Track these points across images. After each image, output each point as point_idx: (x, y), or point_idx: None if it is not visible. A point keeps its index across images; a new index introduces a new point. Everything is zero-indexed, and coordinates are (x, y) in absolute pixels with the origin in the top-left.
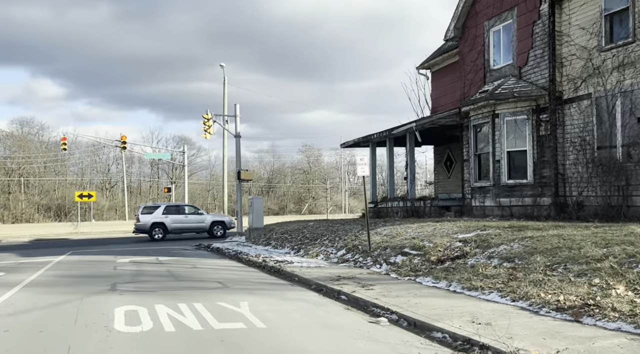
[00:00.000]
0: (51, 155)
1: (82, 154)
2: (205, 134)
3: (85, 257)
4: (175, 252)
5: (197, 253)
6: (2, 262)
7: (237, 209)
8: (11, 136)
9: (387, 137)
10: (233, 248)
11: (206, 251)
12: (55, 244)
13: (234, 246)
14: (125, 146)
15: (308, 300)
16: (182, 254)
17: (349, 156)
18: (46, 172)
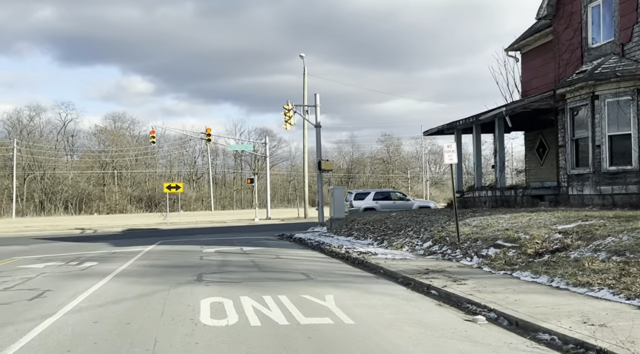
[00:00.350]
0: (142, 148)
1: (170, 147)
2: (286, 124)
3: (173, 247)
4: (258, 242)
5: (279, 243)
6: (96, 251)
7: (318, 199)
8: (105, 131)
9: (473, 123)
10: (315, 239)
11: (289, 241)
12: (145, 234)
13: (315, 236)
14: (210, 138)
15: (395, 294)
16: (265, 244)
17: (429, 145)
18: (137, 165)
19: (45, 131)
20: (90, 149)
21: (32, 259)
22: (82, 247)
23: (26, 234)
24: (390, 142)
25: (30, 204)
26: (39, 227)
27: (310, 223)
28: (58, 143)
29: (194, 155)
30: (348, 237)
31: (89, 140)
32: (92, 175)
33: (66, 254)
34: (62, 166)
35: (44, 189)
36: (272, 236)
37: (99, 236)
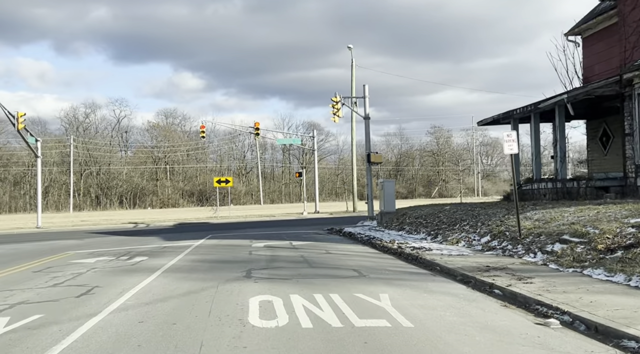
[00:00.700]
0: (192, 143)
1: (220, 142)
2: (334, 117)
3: (223, 242)
4: (307, 236)
5: (329, 238)
6: (147, 246)
7: (367, 192)
8: (157, 127)
9: (532, 112)
10: (365, 233)
11: (338, 235)
12: (196, 228)
13: (365, 230)
14: (258, 132)
15: (455, 294)
16: (315, 238)
17: (480, 137)
18: (189, 159)
19: (100, 128)
20: (144, 145)
21: (84, 253)
22: (134, 242)
23: (82, 228)
24: (440, 134)
25: (87, 198)
26: (94, 221)
27: (359, 217)
28: (112, 139)
29: (243, 150)
30: (399, 232)
31: (142, 136)
32: (145, 170)
33: (118, 248)
34: (116, 162)
35: (99, 184)
36: (321, 230)
37: (151, 230)
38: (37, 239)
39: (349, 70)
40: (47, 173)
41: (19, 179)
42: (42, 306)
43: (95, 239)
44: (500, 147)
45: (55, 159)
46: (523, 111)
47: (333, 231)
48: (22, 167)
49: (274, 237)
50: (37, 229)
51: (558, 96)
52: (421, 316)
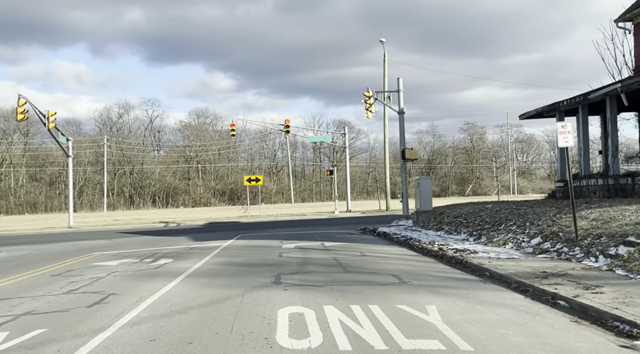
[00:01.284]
0: (224, 143)
1: (251, 141)
2: (367, 112)
3: (252, 242)
4: (340, 236)
5: (363, 238)
6: (174, 247)
7: (402, 191)
8: (189, 126)
9: (579, 103)
10: (401, 233)
11: (372, 235)
12: (226, 228)
13: (401, 230)
14: (288, 129)
15: (513, 305)
16: (348, 239)
17: (515, 133)
18: (220, 159)
19: (134, 128)
20: (176, 144)
21: (109, 255)
22: (162, 242)
23: (113, 227)
24: (474, 130)
25: (120, 198)
26: (126, 221)
27: (393, 216)
28: (145, 139)
29: (274, 148)
30: (438, 232)
31: (174, 135)
32: (177, 169)
33: (144, 249)
34: (149, 161)
35: (133, 184)
36: (354, 230)
37: (181, 230)
38: (67, 239)
39: (380, 68)
40: (81, 173)
41: (54, 179)
42: (48, 318)
43: (124, 239)
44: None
45: (90, 159)
46: (570, 102)
47: (367, 230)
48: (57, 167)
49: (305, 238)
50: (69, 229)
51: (610, 85)
52: (479, 334)
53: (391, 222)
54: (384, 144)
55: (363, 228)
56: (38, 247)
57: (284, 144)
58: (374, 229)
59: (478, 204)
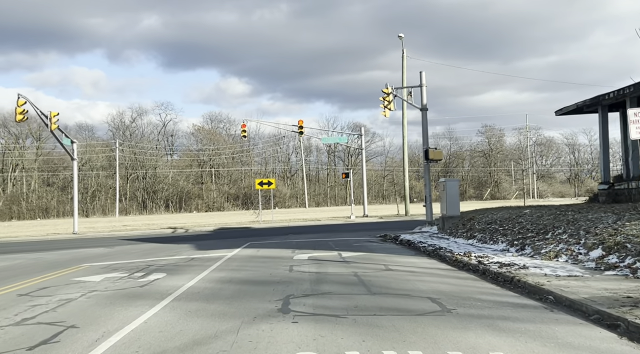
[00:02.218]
0: (237, 147)
1: (264, 144)
2: (385, 111)
3: (260, 252)
4: (359, 245)
5: (384, 247)
6: (174, 257)
7: (425, 194)
8: (202, 130)
9: (627, 96)
10: (427, 241)
11: (394, 244)
12: (235, 234)
13: (426, 238)
14: (302, 130)
15: (608, 352)
16: (367, 248)
17: (534, 136)
18: (234, 163)
19: (147, 132)
20: (189, 148)
21: (98, 267)
22: (163, 251)
23: (119, 234)
24: (492, 133)
25: (133, 202)
26: (134, 226)
27: (414, 222)
28: (158, 143)
29: (287, 152)
30: (469, 241)
31: (188, 139)
32: (190, 174)
33: (140, 260)
34: (162, 165)
35: (145, 188)
36: (373, 238)
37: (188, 237)
38: (67, 247)
39: (394, 72)
40: (94, 177)
41: (66, 183)
42: None
43: (125, 247)
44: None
45: (103, 164)
46: (616, 95)
47: (387, 238)
48: (69, 172)
49: (320, 247)
50: (73, 235)
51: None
52: None
53: (413, 229)
54: (403, 144)
55: (383, 235)
56: (32, 256)
57: (298, 148)
58: (395, 236)
59: (513, 208)
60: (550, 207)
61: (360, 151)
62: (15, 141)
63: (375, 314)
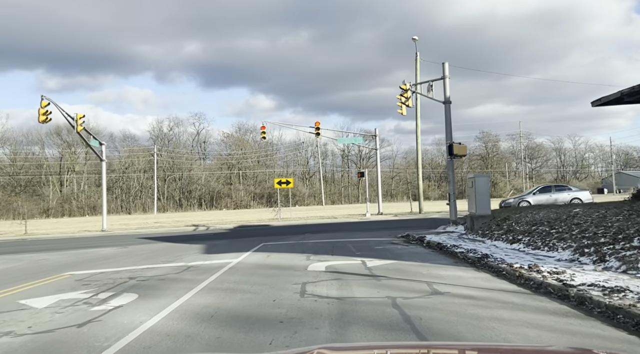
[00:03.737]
0: (262, 151)
1: (286, 149)
2: (402, 108)
3: (271, 257)
4: (382, 248)
5: (412, 252)
6: (172, 264)
7: (449, 192)
8: (231, 137)
9: None
10: (461, 245)
11: (421, 246)
12: (252, 232)
13: (457, 240)
14: (319, 132)
15: None
16: (393, 252)
17: (525, 141)
18: (259, 166)
19: (183, 139)
20: (220, 153)
21: (74, 280)
22: (169, 253)
23: (143, 231)
24: (489, 139)
25: (170, 201)
26: (164, 223)
27: (430, 220)
28: (193, 149)
29: (306, 156)
30: (513, 245)
31: (219, 146)
32: (220, 175)
33: (132, 268)
34: (196, 168)
35: (181, 188)
36: (394, 238)
37: (205, 235)
38: (83, 246)
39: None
40: (136, 179)
41: (111, 184)
42: None
43: (136, 247)
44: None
45: (144, 167)
46: None
47: (411, 239)
48: (114, 174)
49: (339, 250)
50: (102, 232)
51: None
52: None
53: (436, 228)
54: (416, 140)
55: (405, 235)
56: (39, 257)
57: (316, 152)
58: (420, 237)
59: (555, 207)
60: (604, 206)
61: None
62: (67, 147)
63: None
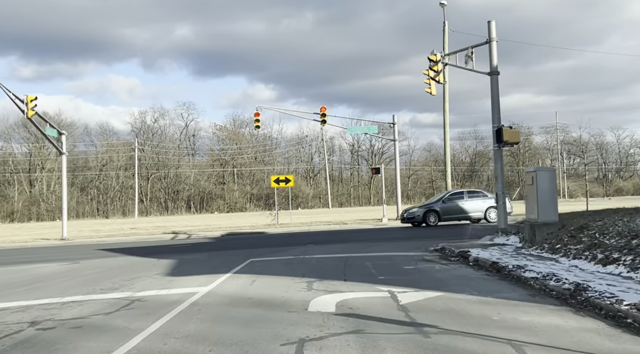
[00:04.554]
0: (260, 147)
1: (287, 144)
2: (431, 85)
3: (256, 285)
4: (413, 269)
5: (458, 275)
6: (112, 295)
7: (497, 191)
8: (224, 129)
9: None
10: (529, 266)
11: (466, 265)
12: (240, 243)
13: (516, 257)
14: (324, 119)
15: None
16: (431, 276)
17: (562, 135)
18: (256, 163)
19: (169, 132)
20: (211, 148)
21: None
22: (123, 273)
23: (110, 240)
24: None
25: (154, 203)
26: (141, 229)
27: (461, 226)
28: (181, 143)
29: (310, 152)
30: (606, 266)
31: (210, 140)
32: (212, 173)
33: (50, 301)
34: (184, 165)
35: (166, 189)
36: (426, 252)
37: (181, 247)
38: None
39: (416, 77)
40: (114, 177)
41: (86, 184)
42: None
43: (91, 262)
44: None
45: (125, 164)
46: None
47: (450, 255)
48: (89, 172)
49: (354, 272)
50: (61, 241)
51: None
52: None
53: (476, 238)
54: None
55: (439, 248)
56: None
57: (321, 147)
58: (462, 252)
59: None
60: None
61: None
62: (36, 141)
63: None
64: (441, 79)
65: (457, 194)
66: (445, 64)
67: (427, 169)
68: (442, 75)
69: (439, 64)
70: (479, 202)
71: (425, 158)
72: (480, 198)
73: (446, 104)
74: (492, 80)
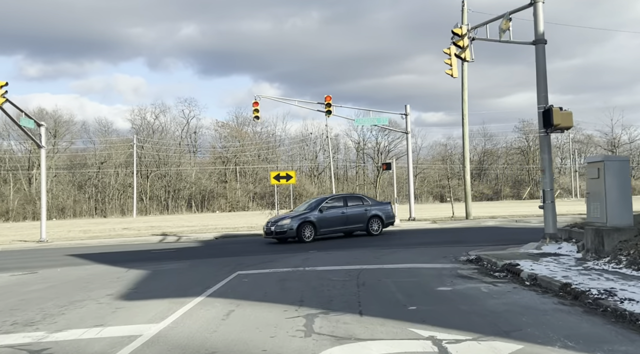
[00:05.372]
0: (263, 144)
1: (291, 142)
2: (452, 66)
3: (231, 319)
4: (450, 291)
5: (518, 303)
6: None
7: (544, 187)
8: (226, 126)
9: None
10: (624, 293)
11: (522, 285)
12: (232, 248)
13: (589, 274)
14: (330, 109)
15: None
16: (481, 304)
17: (572, 132)
18: (259, 161)
19: (170, 129)
20: (213, 145)
21: None
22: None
23: (91, 243)
24: (530, 129)
25: (153, 202)
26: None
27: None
28: (182, 140)
29: (315, 150)
30: None
31: (212, 137)
32: (214, 172)
33: None
34: (185, 163)
35: (167, 187)
36: (458, 263)
37: (164, 252)
38: None
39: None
40: (114, 176)
41: (83, 182)
42: None
43: (48, 272)
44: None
45: (123, 161)
46: None
47: (490, 267)
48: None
49: (372, 297)
50: (38, 243)
51: None
52: None
53: (514, 244)
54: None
55: (474, 259)
56: None
57: (326, 145)
58: (509, 266)
59: None
60: None
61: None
62: None
63: None
64: (468, 56)
65: (336, 199)
66: (472, 38)
67: (434, 168)
68: (469, 51)
69: (464, 39)
70: (361, 210)
71: (433, 157)
72: (363, 206)
73: (465, 90)
74: (538, 51)
